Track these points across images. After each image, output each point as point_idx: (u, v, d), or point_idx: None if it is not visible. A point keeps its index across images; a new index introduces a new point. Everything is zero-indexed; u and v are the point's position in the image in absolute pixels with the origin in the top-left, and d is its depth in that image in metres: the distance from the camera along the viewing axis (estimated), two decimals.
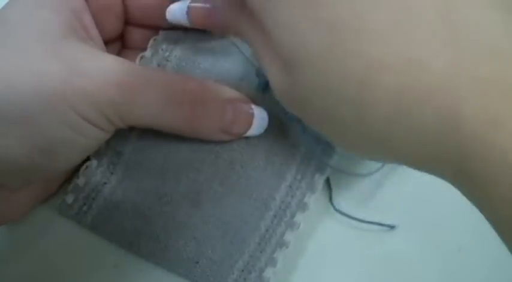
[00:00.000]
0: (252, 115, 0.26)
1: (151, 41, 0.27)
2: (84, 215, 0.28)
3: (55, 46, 0.22)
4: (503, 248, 0.16)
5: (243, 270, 0.27)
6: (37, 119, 0.21)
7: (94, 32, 0.25)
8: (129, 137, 0.27)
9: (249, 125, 0.26)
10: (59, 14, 0.23)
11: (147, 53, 0.27)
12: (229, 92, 0.26)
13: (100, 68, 0.22)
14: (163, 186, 0.27)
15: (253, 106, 0.26)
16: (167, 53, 0.27)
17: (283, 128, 0.27)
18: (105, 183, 0.28)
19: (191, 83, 0.25)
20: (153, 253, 0.27)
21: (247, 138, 0.27)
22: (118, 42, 0.28)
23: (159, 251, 0.27)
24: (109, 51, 0.27)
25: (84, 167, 0.27)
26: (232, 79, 0.27)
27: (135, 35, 0.28)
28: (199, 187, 0.27)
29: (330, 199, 0.29)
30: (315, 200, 0.28)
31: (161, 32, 0.27)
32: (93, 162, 0.28)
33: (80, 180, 0.27)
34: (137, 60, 0.27)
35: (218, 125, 0.26)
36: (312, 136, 0.27)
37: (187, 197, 0.27)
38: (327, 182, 0.29)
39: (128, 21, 0.27)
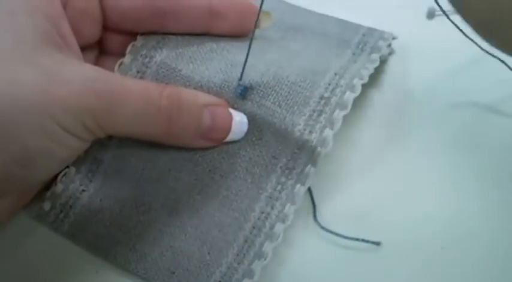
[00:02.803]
0: (230, 119, 0.26)
1: (129, 47, 0.27)
2: (61, 222, 0.27)
3: (31, 55, 0.22)
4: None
5: (225, 274, 0.26)
6: (14, 130, 0.21)
7: (71, 38, 0.25)
8: (108, 144, 0.27)
9: (228, 129, 0.26)
10: (34, 20, 0.23)
11: (126, 60, 0.27)
12: (206, 97, 0.25)
13: (78, 77, 0.22)
14: (142, 195, 0.27)
15: (231, 110, 0.26)
16: (147, 59, 0.27)
17: (264, 136, 0.26)
18: (83, 190, 0.27)
19: (166, 90, 0.24)
20: (129, 262, 0.26)
21: (227, 147, 0.27)
22: (96, 48, 0.28)
23: (135, 260, 0.26)
24: (87, 57, 0.27)
25: (62, 173, 0.27)
26: (213, 85, 0.26)
27: (114, 40, 0.28)
28: (177, 196, 0.27)
29: (314, 216, 0.28)
30: (299, 215, 0.27)
31: (139, 37, 0.27)
32: (72, 169, 0.27)
33: (58, 187, 0.27)
34: (116, 66, 0.27)
35: (196, 131, 0.25)
36: (293, 144, 0.26)
37: (165, 206, 0.27)
38: (310, 197, 0.28)
39: (106, 26, 0.27)
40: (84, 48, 0.26)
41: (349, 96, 0.27)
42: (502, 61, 0.28)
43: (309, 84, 0.27)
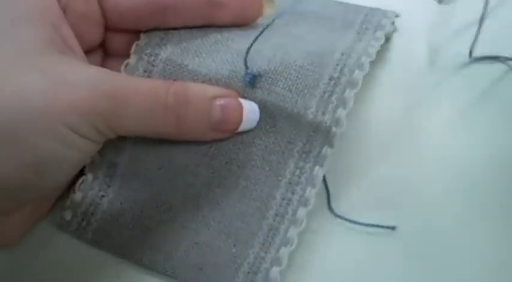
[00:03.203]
0: (241, 109, 0.25)
1: (134, 47, 0.27)
2: (84, 230, 0.27)
3: (35, 61, 0.22)
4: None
5: (248, 273, 0.26)
6: (25, 137, 0.21)
7: (74, 43, 0.25)
8: (123, 147, 0.27)
9: (240, 119, 0.25)
10: (36, 28, 0.23)
11: (132, 60, 0.27)
12: (215, 90, 0.25)
13: (85, 80, 0.22)
14: (161, 194, 0.27)
15: (241, 100, 0.26)
16: (152, 58, 0.27)
17: (277, 123, 0.26)
18: (102, 196, 0.27)
19: (173, 87, 0.24)
20: (155, 263, 0.26)
21: (242, 137, 0.26)
22: (100, 51, 0.28)
23: (161, 260, 0.26)
24: (92, 60, 0.27)
25: (80, 181, 0.27)
26: (221, 77, 0.26)
27: (117, 40, 0.28)
28: (197, 191, 0.26)
29: (328, 203, 0.28)
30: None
31: (142, 36, 0.27)
32: (89, 176, 0.27)
33: (77, 196, 0.27)
34: (122, 67, 0.27)
35: (207, 124, 0.25)
36: (308, 127, 0.26)
37: (185, 202, 0.27)
38: (324, 184, 0.28)
39: (107, 27, 0.27)
40: (88, 52, 0.26)
41: (359, 75, 0.27)
42: None
43: (317, 66, 0.27)
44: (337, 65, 0.27)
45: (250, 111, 0.26)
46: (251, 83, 0.26)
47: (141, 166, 0.27)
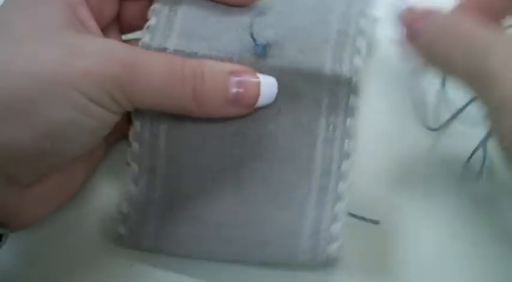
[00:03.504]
0: (258, 83, 0.25)
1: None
2: (141, 240, 0.27)
3: (52, 36, 0.22)
4: None
5: (310, 236, 0.26)
6: (40, 104, 0.21)
7: (92, 24, 0.25)
8: (157, 149, 0.27)
9: (257, 93, 0.25)
10: (54, 8, 0.23)
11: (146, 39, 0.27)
12: (231, 66, 0.25)
13: (102, 49, 0.22)
14: (205, 184, 0.27)
15: (258, 74, 0.25)
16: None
17: (298, 85, 0.26)
18: (150, 201, 0.27)
19: (190, 61, 0.24)
20: (219, 252, 0.27)
21: (267, 109, 0.26)
22: (116, 31, 0.29)
23: (222, 248, 0.26)
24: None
25: (124, 193, 0.27)
26: (232, 55, 0.26)
27: (130, 12, 0.28)
28: (238, 174, 0.27)
29: None
30: None
31: (145, 31, 0.27)
32: (131, 187, 0.27)
33: (125, 208, 0.27)
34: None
35: (224, 98, 0.25)
36: (329, 82, 0.26)
37: (229, 188, 0.27)
38: None
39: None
40: (105, 32, 0.27)
41: (365, 23, 0.27)
42: None
43: (322, 23, 0.27)
44: (342, 17, 0.27)
45: (267, 86, 0.25)
46: (262, 54, 0.26)
47: (179, 164, 0.27)
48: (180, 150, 0.27)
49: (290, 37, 0.26)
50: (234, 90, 0.25)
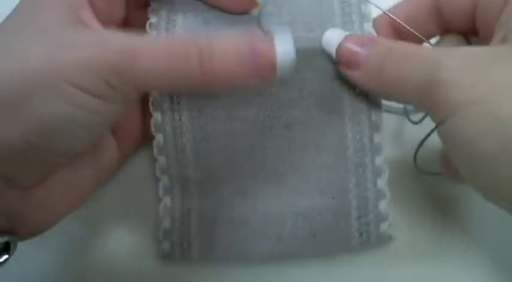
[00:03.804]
0: (273, 47, 0.22)
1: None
2: (188, 253, 0.27)
3: (46, 32, 0.21)
4: None
5: (359, 217, 0.25)
6: (29, 99, 0.20)
7: (96, 25, 0.24)
8: (186, 159, 0.26)
9: (274, 56, 0.22)
10: (54, 10, 0.22)
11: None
12: (238, 36, 0.22)
13: (96, 38, 0.21)
14: (242, 183, 0.26)
15: (274, 40, 0.22)
16: None
17: (314, 65, 0.26)
18: (189, 209, 0.27)
19: (194, 38, 0.22)
20: (270, 251, 0.26)
21: (287, 96, 0.26)
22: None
23: (272, 244, 0.26)
24: None
25: (161, 208, 0.27)
26: None
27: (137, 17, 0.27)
28: (274, 167, 0.26)
29: None
30: None
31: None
32: (166, 200, 0.27)
33: (165, 223, 0.27)
34: None
35: (237, 64, 0.22)
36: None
37: (269, 183, 0.26)
38: None
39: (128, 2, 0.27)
40: None
41: None
42: None
43: None
44: None
45: (284, 52, 0.22)
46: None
47: (210, 168, 0.26)
48: (209, 155, 0.26)
49: (296, 19, 0.26)
50: (247, 56, 0.22)
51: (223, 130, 0.26)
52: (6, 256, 0.23)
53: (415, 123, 0.27)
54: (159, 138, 0.26)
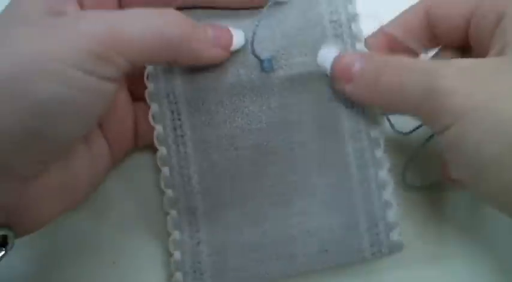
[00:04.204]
0: (226, 27, 0.26)
1: (147, 96, 0.27)
2: (201, 279, 0.27)
3: (30, 19, 0.22)
4: None
5: (369, 228, 0.26)
6: (23, 83, 0.20)
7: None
8: (192, 188, 0.27)
9: (230, 34, 0.26)
10: (36, 3, 0.23)
11: (154, 108, 0.27)
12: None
13: (81, 21, 0.22)
14: (249, 211, 0.27)
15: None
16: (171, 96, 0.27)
17: (311, 88, 0.27)
18: (198, 243, 0.27)
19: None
20: (284, 272, 0.27)
21: (287, 120, 0.26)
22: None
23: (287, 265, 0.26)
24: None
25: (170, 240, 0.27)
26: (243, 76, 0.26)
27: None
28: (280, 190, 0.27)
29: None
30: None
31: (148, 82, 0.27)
32: (175, 234, 0.27)
33: (176, 255, 0.27)
34: (150, 117, 0.27)
35: (205, 35, 0.25)
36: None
37: (276, 207, 0.27)
38: None
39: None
40: None
41: (352, 8, 0.27)
42: None
43: (315, 19, 0.27)
44: (329, 6, 0.27)
45: (236, 32, 0.26)
46: (269, 67, 0.26)
47: (215, 198, 0.27)
48: (216, 184, 0.27)
49: (290, 43, 0.26)
50: (211, 32, 0.25)
51: (228, 158, 0.26)
52: (3, 252, 0.23)
53: (405, 134, 0.28)
54: (165, 171, 0.27)
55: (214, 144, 0.26)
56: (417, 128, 0.28)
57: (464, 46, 0.26)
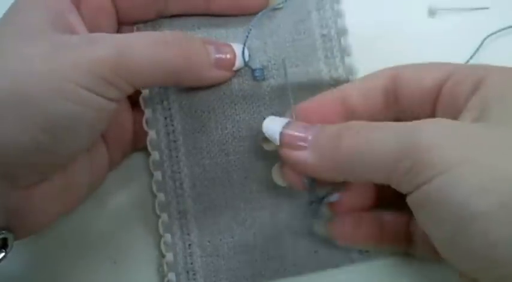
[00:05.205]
0: (231, 46, 0.27)
1: (142, 101, 0.28)
2: (194, 280, 0.27)
3: (36, 35, 0.23)
4: None
5: None
6: (34, 100, 0.21)
7: (82, 29, 0.25)
8: (183, 192, 0.28)
9: (234, 55, 0.27)
10: (39, 12, 0.23)
11: (148, 113, 0.28)
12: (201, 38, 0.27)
13: (86, 39, 0.23)
14: (238, 212, 0.28)
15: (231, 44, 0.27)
16: (165, 103, 0.28)
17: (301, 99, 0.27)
18: (189, 245, 0.28)
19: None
20: (276, 272, 0.27)
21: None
22: None
23: (278, 265, 0.27)
24: None
25: (162, 242, 0.28)
26: (237, 87, 0.27)
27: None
28: (269, 196, 0.28)
29: None
30: None
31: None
32: (167, 236, 0.28)
33: (168, 257, 0.27)
34: (144, 124, 0.28)
35: (208, 59, 0.26)
36: (329, 87, 0.27)
37: (265, 212, 0.28)
38: None
39: (120, 21, 0.28)
40: None
41: (341, 22, 0.28)
42: None
43: (306, 32, 0.28)
44: (319, 21, 0.28)
45: (239, 50, 0.27)
46: (261, 77, 0.27)
47: (208, 200, 0.28)
48: (207, 189, 0.28)
49: (281, 54, 0.27)
50: (214, 53, 0.26)
51: (219, 164, 0.27)
52: (3, 254, 0.23)
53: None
54: (157, 175, 0.27)
55: (205, 150, 0.27)
56: None
57: (427, 116, 0.23)
